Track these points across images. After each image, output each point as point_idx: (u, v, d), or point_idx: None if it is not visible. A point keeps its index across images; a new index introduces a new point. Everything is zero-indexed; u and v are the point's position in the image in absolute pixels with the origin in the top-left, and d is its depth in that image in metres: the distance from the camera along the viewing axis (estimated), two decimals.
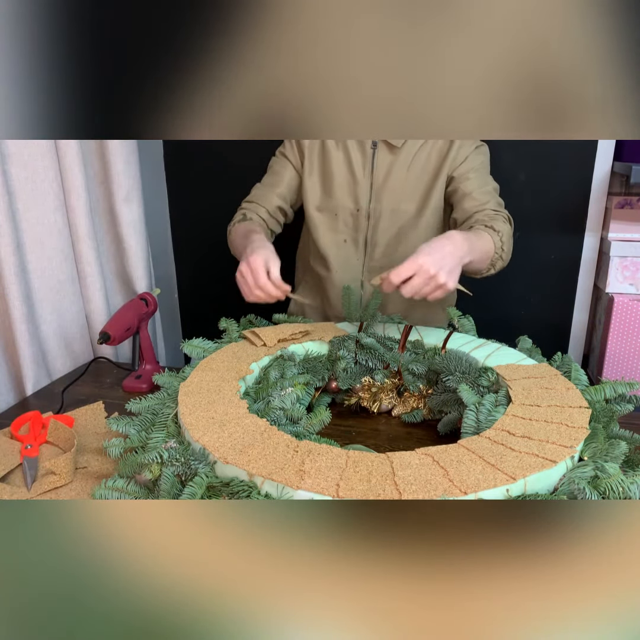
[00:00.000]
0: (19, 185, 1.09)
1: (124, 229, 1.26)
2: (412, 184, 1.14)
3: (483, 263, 0.97)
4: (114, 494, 0.63)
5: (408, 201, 1.15)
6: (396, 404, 0.91)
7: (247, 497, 0.56)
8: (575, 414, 0.69)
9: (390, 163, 1.14)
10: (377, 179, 1.14)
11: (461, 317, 0.99)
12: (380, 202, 1.15)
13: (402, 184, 1.14)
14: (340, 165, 1.16)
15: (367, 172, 1.15)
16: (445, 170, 1.12)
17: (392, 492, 0.54)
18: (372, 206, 1.16)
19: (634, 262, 1.43)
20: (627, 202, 1.44)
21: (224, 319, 1.02)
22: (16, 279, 1.07)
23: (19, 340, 1.10)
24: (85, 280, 1.24)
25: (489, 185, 1.13)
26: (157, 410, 0.75)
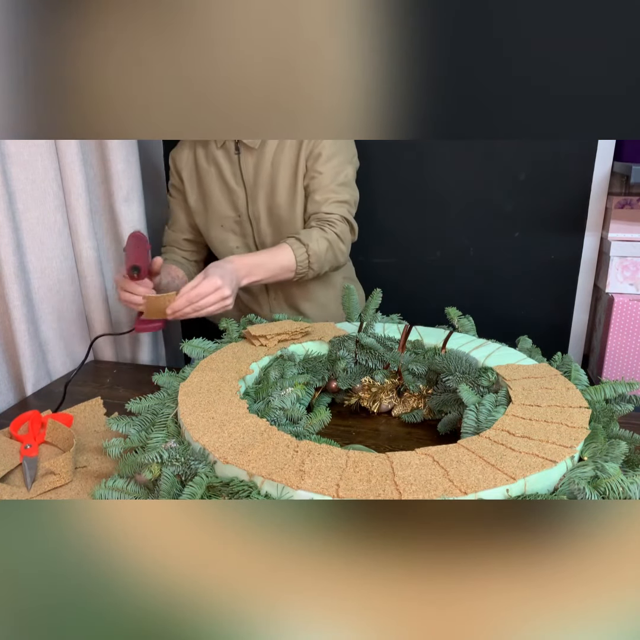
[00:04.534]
0: (19, 185, 1.09)
1: (124, 229, 1.26)
2: (278, 177, 1.17)
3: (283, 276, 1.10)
4: (113, 494, 0.63)
5: (278, 195, 1.18)
6: (396, 404, 0.91)
7: (247, 497, 0.56)
8: (575, 414, 0.69)
9: (255, 164, 1.18)
10: (248, 182, 1.19)
11: (461, 317, 0.99)
12: (256, 203, 1.20)
13: (270, 179, 1.18)
14: (214, 179, 1.21)
15: (238, 178, 1.20)
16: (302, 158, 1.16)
17: (392, 492, 0.54)
18: (250, 209, 1.21)
19: (634, 262, 1.43)
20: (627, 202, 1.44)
21: (224, 319, 1.02)
22: (16, 279, 1.07)
23: (19, 340, 1.10)
24: (85, 280, 1.24)
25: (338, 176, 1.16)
26: (157, 410, 0.75)
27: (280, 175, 1.17)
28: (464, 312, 1.01)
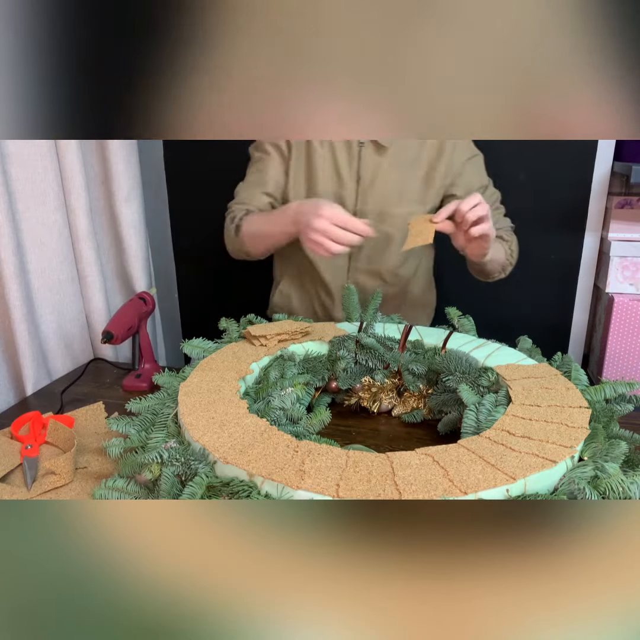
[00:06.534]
0: (19, 185, 1.09)
1: (124, 229, 1.26)
2: (402, 187, 1.10)
3: (495, 268, 1.11)
4: (114, 494, 0.63)
5: (398, 205, 1.11)
6: (396, 404, 0.91)
7: (247, 497, 0.56)
8: (575, 414, 0.69)
9: (377, 164, 1.10)
10: (364, 179, 1.10)
11: (461, 317, 0.99)
12: (366, 203, 1.11)
13: (391, 186, 1.10)
14: (326, 164, 1.11)
15: (354, 172, 1.10)
16: (440, 175, 1.10)
17: (392, 492, 0.54)
18: (358, 208, 1.12)
19: (634, 262, 1.43)
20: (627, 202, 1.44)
21: (224, 319, 1.02)
22: (16, 279, 1.07)
23: (19, 340, 1.10)
24: (85, 280, 1.24)
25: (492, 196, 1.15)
26: (157, 410, 0.75)
27: (409, 185, 1.10)
28: (464, 312, 1.01)
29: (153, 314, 1.28)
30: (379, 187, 1.10)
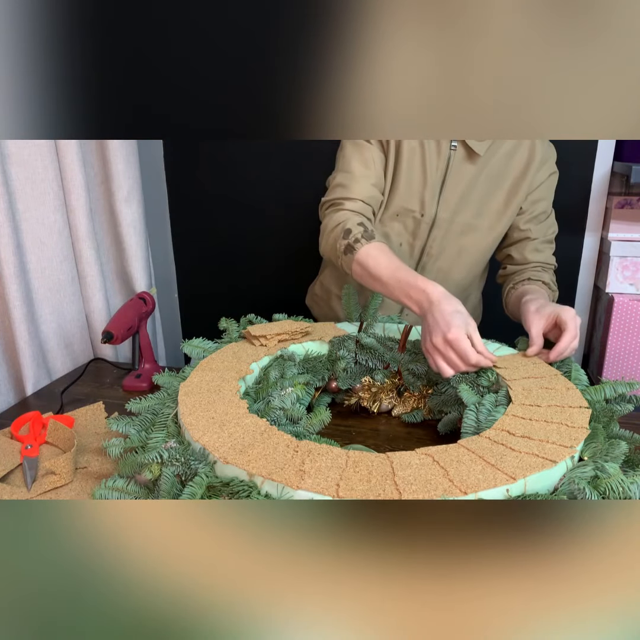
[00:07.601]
0: (19, 185, 1.09)
1: (124, 229, 1.26)
2: (487, 199, 1.04)
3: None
4: (114, 494, 0.63)
5: (479, 217, 1.05)
6: (396, 404, 0.91)
7: (247, 497, 0.56)
8: (575, 414, 0.69)
9: (466, 171, 1.03)
10: (449, 185, 1.03)
11: None
12: (448, 211, 1.05)
13: (476, 196, 1.04)
14: (412, 162, 1.02)
15: (440, 174, 1.03)
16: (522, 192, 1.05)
17: (392, 492, 0.54)
18: (438, 215, 1.05)
19: (634, 262, 1.43)
20: (627, 202, 1.44)
21: (224, 319, 1.01)
22: (16, 279, 1.07)
23: (19, 340, 1.10)
24: (85, 280, 1.24)
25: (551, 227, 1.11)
26: (157, 410, 0.75)
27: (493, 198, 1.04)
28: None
29: (153, 314, 1.28)
30: (464, 196, 1.04)
